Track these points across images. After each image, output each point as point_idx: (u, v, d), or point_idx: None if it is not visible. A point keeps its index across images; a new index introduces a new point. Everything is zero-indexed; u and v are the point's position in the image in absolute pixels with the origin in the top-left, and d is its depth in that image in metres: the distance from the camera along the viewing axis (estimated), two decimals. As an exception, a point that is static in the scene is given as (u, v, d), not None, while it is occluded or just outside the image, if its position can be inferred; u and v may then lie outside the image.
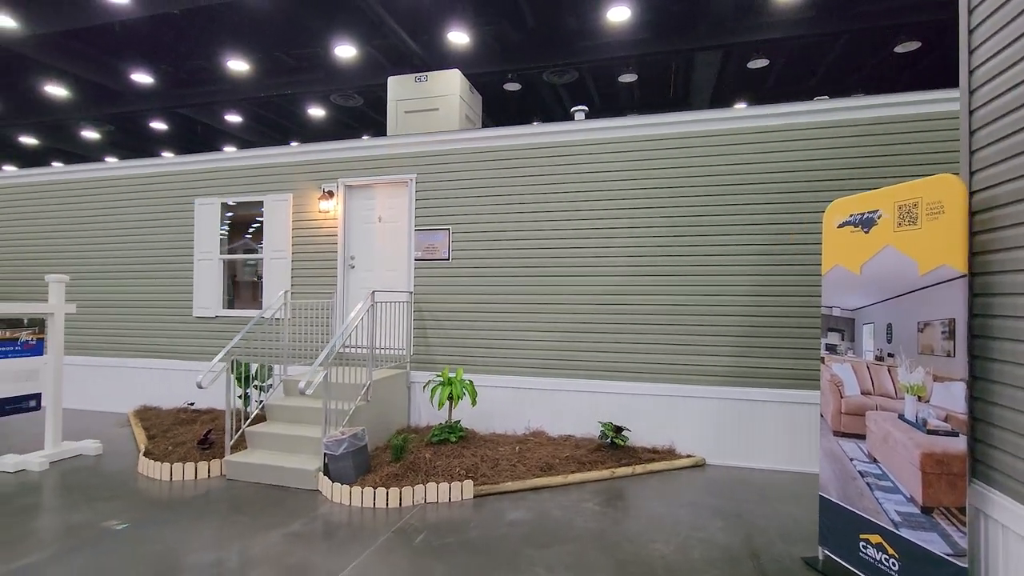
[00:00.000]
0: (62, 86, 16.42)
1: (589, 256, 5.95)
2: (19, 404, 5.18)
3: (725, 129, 5.63)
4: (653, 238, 5.77)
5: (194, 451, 5.29)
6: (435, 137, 6.42)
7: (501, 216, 6.22)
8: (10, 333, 5.08)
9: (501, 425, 6.18)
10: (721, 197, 5.61)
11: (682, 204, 5.71)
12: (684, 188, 5.71)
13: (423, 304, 6.44)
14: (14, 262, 8.25)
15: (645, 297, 5.78)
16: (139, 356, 7.51)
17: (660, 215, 5.76)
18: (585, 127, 6.00)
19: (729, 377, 5.54)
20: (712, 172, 5.65)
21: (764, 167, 5.52)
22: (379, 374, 5.86)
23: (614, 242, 5.88)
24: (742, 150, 5.58)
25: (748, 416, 5.49)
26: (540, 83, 14.62)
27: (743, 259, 5.52)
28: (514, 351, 6.13)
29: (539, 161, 6.13)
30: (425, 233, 6.45)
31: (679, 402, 5.67)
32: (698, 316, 5.63)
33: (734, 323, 5.52)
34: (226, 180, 7.24)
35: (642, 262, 5.80)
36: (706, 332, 5.60)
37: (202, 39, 14.25)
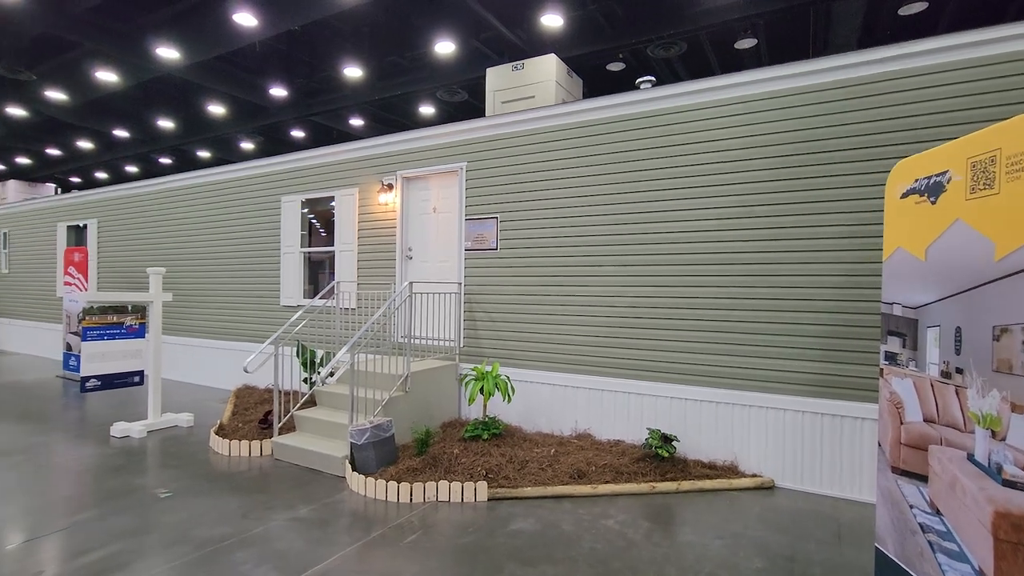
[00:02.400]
0: (220, 104, 19.08)
1: (643, 244, 5.32)
2: (126, 379, 6.02)
3: (810, 85, 4.64)
4: (717, 220, 4.98)
5: (256, 430, 5.74)
6: (482, 123, 6.21)
7: (549, 203, 5.83)
8: (117, 318, 5.92)
9: (547, 424, 5.83)
10: (800, 168, 4.64)
11: (750, 179, 4.84)
12: (751, 160, 4.83)
13: (473, 295, 6.30)
14: (134, 258, 9.71)
15: (708, 289, 5.02)
16: (243, 340, 8.39)
17: (725, 192, 4.95)
18: (641, 97, 5.35)
19: (812, 386, 4.60)
20: (786, 138, 4.70)
21: (857, 127, 4.45)
22: (422, 365, 5.84)
23: (672, 227, 5.19)
24: (824, 110, 4.56)
25: (834, 433, 4.51)
26: (647, 59, 13.68)
27: (831, 242, 4.52)
28: (562, 346, 5.74)
29: (590, 140, 5.62)
30: (474, 223, 6.29)
31: (747, 412, 4.85)
32: (774, 312, 4.74)
33: (820, 321, 4.56)
34: (305, 178, 7.75)
35: (704, 248, 5.04)
36: (784, 331, 4.70)
37: (326, 51, 15.56)
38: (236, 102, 19.09)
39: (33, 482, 4.56)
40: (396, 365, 5.67)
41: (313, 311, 5.95)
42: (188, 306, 9.11)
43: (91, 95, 17.16)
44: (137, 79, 16.16)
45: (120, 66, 15.30)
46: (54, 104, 18.17)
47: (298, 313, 6.04)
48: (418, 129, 6.70)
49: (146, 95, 18.53)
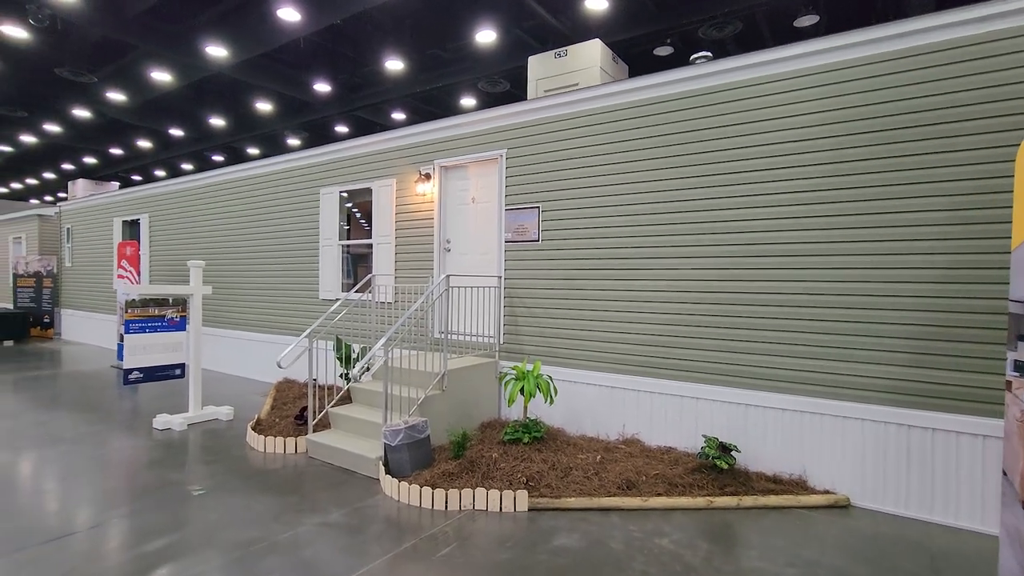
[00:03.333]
0: (267, 101, 19.48)
1: (700, 234, 4.86)
2: (167, 371, 6.03)
3: (900, 51, 4.05)
4: (787, 206, 4.46)
5: (291, 426, 5.62)
6: (522, 107, 5.85)
7: (596, 190, 5.43)
8: (158, 311, 5.92)
9: (592, 427, 5.45)
10: (886, 146, 4.07)
11: (824, 159, 4.30)
12: (825, 138, 4.29)
13: (514, 290, 5.97)
14: (182, 252, 9.86)
15: (776, 283, 4.52)
16: (283, 333, 8.38)
17: (795, 175, 4.43)
18: (696, 73, 4.87)
19: (896, 394, 4.05)
20: (868, 113, 4.13)
21: (960, 96, 3.85)
22: (460, 362, 5.57)
23: (733, 214, 4.70)
24: (917, 78, 3.97)
25: (924, 448, 3.95)
26: (698, 41, 13.00)
27: (925, 230, 3.95)
28: (610, 344, 5.34)
29: (639, 123, 5.18)
30: (515, 213, 5.95)
31: (817, 421, 4.33)
32: (854, 310, 4.21)
33: (910, 320, 4.00)
34: (343, 169, 7.62)
35: (771, 238, 4.53)
36: (866, 332, 4.16)
37: (368, 46, 15.58)
38: (282, 99, 19.44)
39: (76, 474, 4.56)
40: (433, 362, 5.42)
41: (350, 305, 5.79)
42: (231, 298, 9.20)
43: (148, 95, 17.82)
44: (189, 78, 16.65)
45: (173, 66, 15.77)
46: (114, 105, 18.98)
47: (334, 307, 5.87)
48: (456, 116, 6.41)
49: (198, 94, 19.13)
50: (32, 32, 13.65)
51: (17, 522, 3.68)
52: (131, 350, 5.70)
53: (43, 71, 15.98)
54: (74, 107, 19.07)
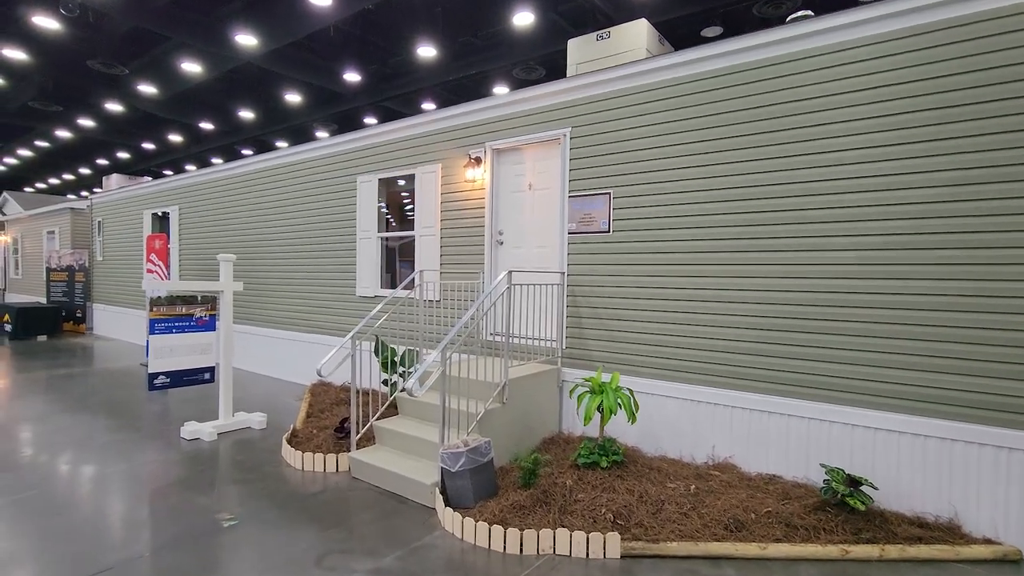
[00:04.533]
0: (297, 92, 19.10)
1: (809, 223, 4.07)
2: (195, 376, 5.50)
3: None
4: (922, 188, 3.64)
5: (331, 439, 5.02)
6: (590, 79, 5.11)
7: (678, 173, 4.67)
8: (186, 309, 5.38)
9: (673, 447, 4.72)
10: None
11: (978, 130, 3.46)
12: (979, 104, 3.45)
13: (578, 287, 5.26)
14: (212, 245, 9.38)
15: (915, 282, 3.71)
16: (317, 332, 7.82)
17: (935, 151, 3.60)
18: (800, 31, 4.06)
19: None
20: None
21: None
22: (521, 370, 4.89)
23: (854, 199, 3.90)
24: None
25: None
26: (750, 21, 12.05)
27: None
28: (695, 352, 4.59)
29: (731, 92, 4.39)
30: (580, 200, 5.23)
31: (972, 452, 3.52)
32: (1007, 315, 3.38)
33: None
34: (382, 155, 6.99)
35: (899, 228, 3.72)
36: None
37: (399, 34, 14.99)
38: (312, 90, 19.03)
39: (92, 496, 4.03)
40: (489, 369, 4.75)
41: (395, 303, 5.18)
42: (262, 294, 8.70)
43: (178, 87, 17.58)
44: (219, 69, 16.33)
45: (202, 56, 15.45)
46: (146, 98, 18.82)
47: (379, 306, 5.25)
48: (511, 92, 5.71)
49: (228, 87, 18.85)
50: (64, 23, 13.42)
51: (10, 570, 3.14)
52: (156, 353, 5.18)
53: (76, 64, 15.84)
54: (107, 100, 19.00)
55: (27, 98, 18.31)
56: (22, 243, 17.87)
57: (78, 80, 17.29)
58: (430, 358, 3.80)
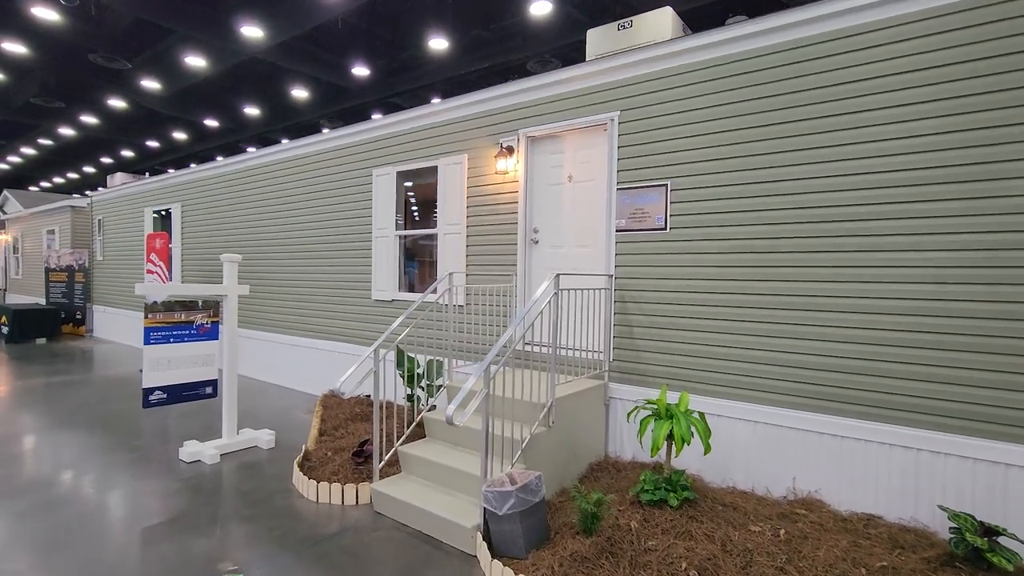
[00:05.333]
0: (304, 87, 18.55)
1: (908, 218, 3.44)
2: (196, 390, 4.91)
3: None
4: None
5: (349, 464, 4.42)
6: (644, 54, 4.49)
7: (753, 160, 4.04)
8: (185, 316, 4.79)
9: (744, 477, 4.09)
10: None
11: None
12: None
13: (628, 292, 4.64)
14: (216, 245, 8.81)
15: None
16: (330, 339, 7.23)
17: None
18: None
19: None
20: None
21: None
22: (567, 388, 4.27)
23: (978, 188, 3.27)
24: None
25: None
26: (779, 8, 11.41)
27: None
28: (774, 368, 3.96)
29: (816, 66, 3.76)
30: (631, 193, 4.61)
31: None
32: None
33: None
34: (401, 145, 6.38)
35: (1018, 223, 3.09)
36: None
37: (409, 27, 14.44)
38: (318, 85, 18.48)
39: (74, 540, 3.44)
40: (528, 386, 4.13)
41: (418, 308, 4.60)
42: (270, 297, 8.11)
43: (182, 83, 17.07)
44: (224, 64, 15.80)
45: (207, 50, 14.92)
46: (150, 94, 18.32)
47: (403, 316, 4.64)
48: (548, 72, 5.09)
49: (233, 83, 18.32)
50: (64, 15, 12.91)
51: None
52: (152, 365, 4.59)
53: (77, 58, 15.34)
54: (109, 96, 18.52)
55: (29, 94, 17.85)
56: (22, 243, 17.38)
57: (80, 75, 16.81)
58: (470, 380, 3.18)
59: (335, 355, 7.13)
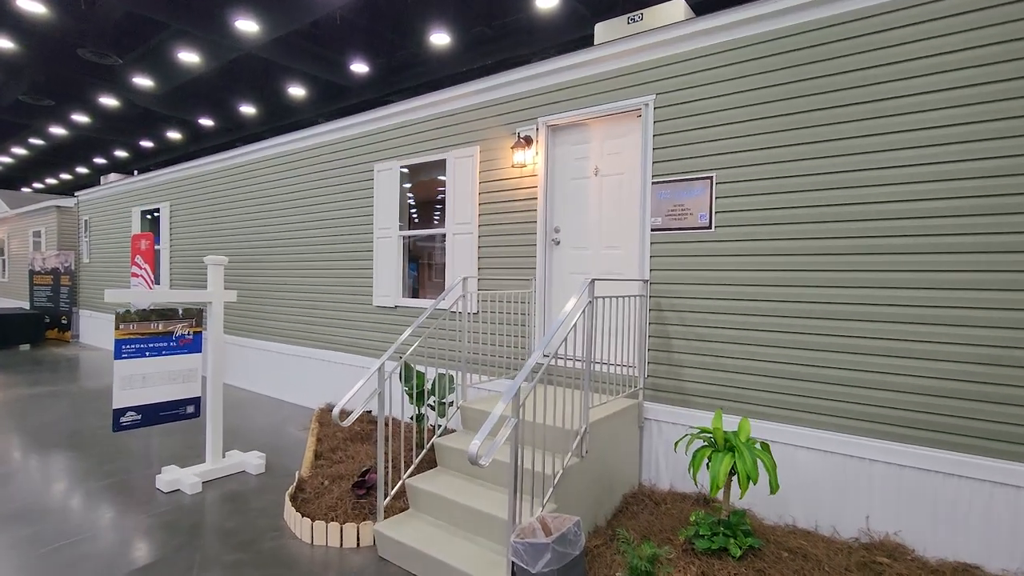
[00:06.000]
0: (301, 86, 18.01)
1: (1023, 211, 2.91)
2: (175, 410, 4.35)
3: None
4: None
5: (348, 497, 3.86)
6: (684, 29, 3.95)
7: (814, 148, 3.50)
8: (163, 326, 4.23)
9: (805, 514, 3.54)
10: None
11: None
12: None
13: (665, 299, 4.09)
14: (206, 247, 8.25)
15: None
16: (327, 347, 6.67)
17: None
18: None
19: None
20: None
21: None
22: (600, 411, 3.71)
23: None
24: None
25: None
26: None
27: None
28: (839, 388, 3.42)
29: (906, 34, 3.24)
30: (669, 188, 4.07)
31: None
32: None
33: None
34: (406, 137, 5.84)
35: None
36: None
37: (410, 24, 13.93)
38: (316, 83, 17.95)
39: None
40: (561, 408, 3.58)
41: (423, 315, 4.05)
42: (264, 303, 7.55)
43: (176, 80, 16.51)
44: (219, 60, 15.25)
45: (201, 45, 14.38)
46: (142, 92, 17.76)
47: (417, 321, 4.09)
48: (573, 53, 4.56)
49: (229, 80, 17.77)
50: (51, 7, 12.36)
51: None
52: (124, 383, 4.02)
53: (66, 53, 14.79)
54: (101, 94, 17.97)
55: (18, 92, 17.27)
56: (8, 244, 16.79)
57: (70, 72, 16.24)
58: (497, 408, 2.62)
59: (333, 366, 6.57)
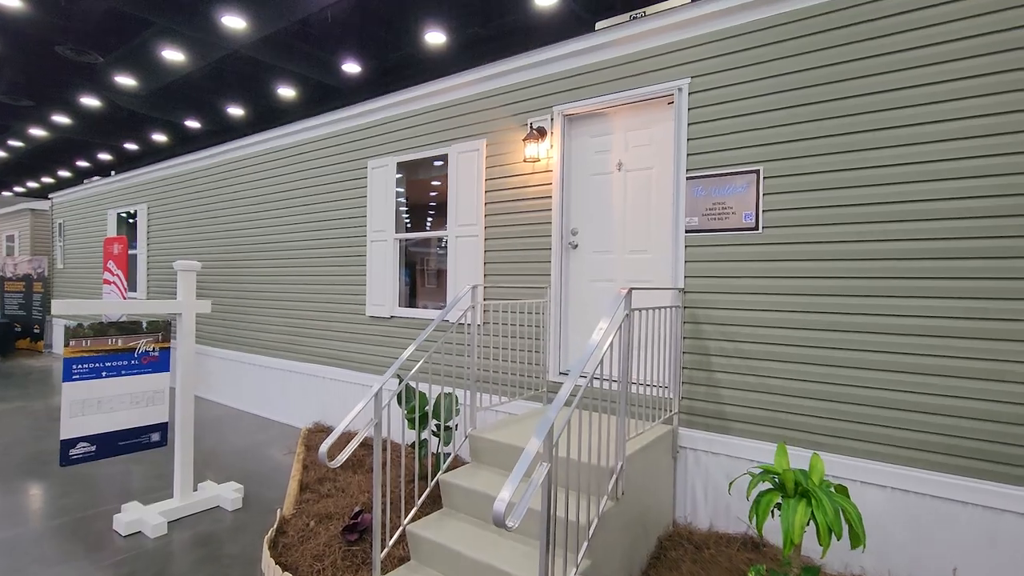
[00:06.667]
0: (290, 86, 17.46)
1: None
2: (137, 438, 3.76)
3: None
4: None
5: (338, 542, 3.30)
6: (725, 2, 3.47)
7: (888, 134, 3.02)
8: (123, 342, 3.66)
9: (877, 564, 3.02)
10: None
11: None
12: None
13: (703, 311, 3.59)
14: (187, 251, 7.66)
15: None
16: (315, 361, 6.10)
17: None
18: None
19: None
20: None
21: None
22: (635, 441, 3.18)
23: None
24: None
25: None
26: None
27: None
28: (919, 417, 2.93)
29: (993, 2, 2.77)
30: (707, 183, 3.57)
31: None
32: None
33: None
34: (403, 131, 5.32)
35: None
36: None
37: (404, 24, 13.49)
38: (307, 83, 17.41)
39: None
40: (595, 438, 3.05)
41: (450, 329, 3.51)
42: (247, 312, 6.96)
43: (161, 80, 15.91)
44: (205, 59, 14.66)
45: (187, 43, 13.82)
46: (125, 92, 17.12)
47: (423, 335, 3.57)
48: (593, 33, 4.06)
49: (216, 81, 17.18)
50: (26, 1, 11.77)
51: None
52: (74, 409, 3.44)
53: (44, 51, 14.15)
54: (82, 94, 17.31)
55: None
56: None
57: (48, 71, 15.58)
58: (530, 448, 2.08)
59: (323, 381, 5.99)
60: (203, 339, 7.60)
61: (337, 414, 5.83)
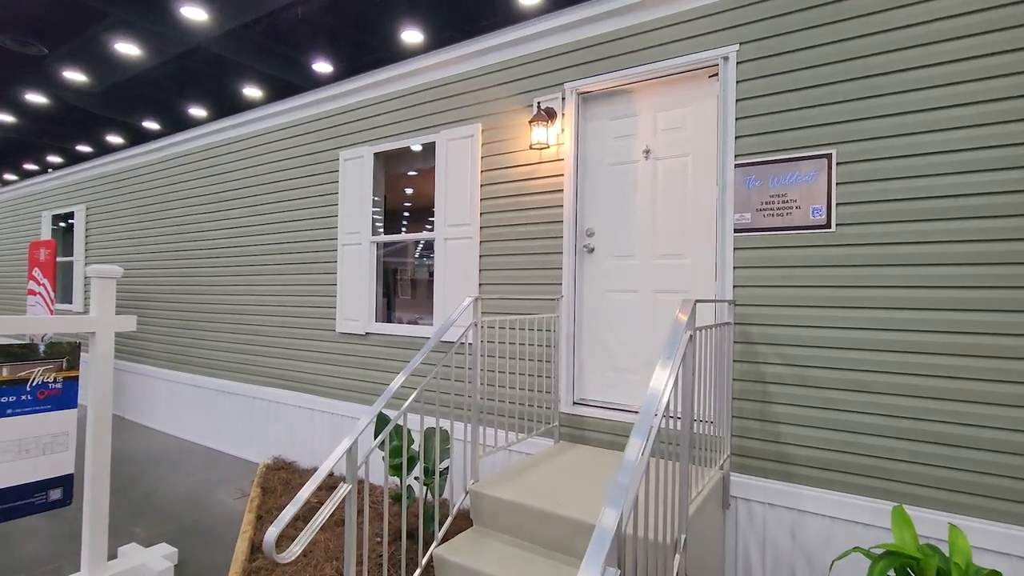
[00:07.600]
0: (256, 86, 16.45)
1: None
2: (29, 498, 2.85)
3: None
4: None
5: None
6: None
7: (993, 108, 2.41)
8: (9, 371, 2.76)
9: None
10: None
11: None
12: None
13: (757, 329, 2.91)
14: (129, 258, 6.70)
15: None
16: (278, 386, 5.23)
17: None
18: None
19: None
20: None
21: None
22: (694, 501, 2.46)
23: None
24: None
25: None
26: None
27: None
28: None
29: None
30: (761, 171, 2.92)
31: None
32: None
33: None
34: (380, 116, 4.56)
35: None
36: None
37: (378, 24, 12.75)
38: (274, 83, 16.47)
39: None
40: (645, 504, 2.32)
41: (450, 352, 2.74)
42: (197, 327, 6.03)
43: (114, 76, 14.76)
44: (164, 54, 13.65)
45: (142, 35, 12.80)
46: (74, 88, 15.87)
47: (416, 360, 2.85)
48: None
49: (175, 79, 16.10)
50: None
51: None
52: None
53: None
54: (25, 89, 15.97)
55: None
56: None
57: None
58: (601, 546, 1.33)
59: (285, 408, 5.12)
60: (146, 358, 6.62)
61: (301, 448, 4.96)
